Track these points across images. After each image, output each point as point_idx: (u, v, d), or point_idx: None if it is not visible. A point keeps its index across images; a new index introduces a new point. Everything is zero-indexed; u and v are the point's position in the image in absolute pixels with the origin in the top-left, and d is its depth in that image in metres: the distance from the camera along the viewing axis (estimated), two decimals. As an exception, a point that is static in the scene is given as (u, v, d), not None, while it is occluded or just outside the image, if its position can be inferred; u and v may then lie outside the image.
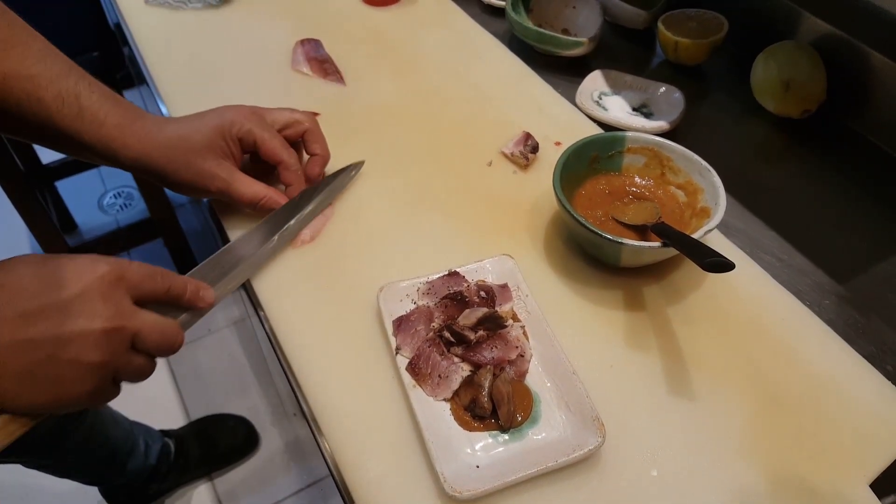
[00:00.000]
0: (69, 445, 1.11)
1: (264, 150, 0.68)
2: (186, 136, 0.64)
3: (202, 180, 0.65)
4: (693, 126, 0.85)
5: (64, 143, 0.62)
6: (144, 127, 0.63)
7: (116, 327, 0.47)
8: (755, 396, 0.57)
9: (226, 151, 0.66)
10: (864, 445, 0.55)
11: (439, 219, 0.71)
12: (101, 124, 0.61)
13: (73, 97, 0.60)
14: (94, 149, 0.62)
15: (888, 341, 0.64)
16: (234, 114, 0.67)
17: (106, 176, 2.20)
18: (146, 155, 0.63)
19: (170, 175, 0.64)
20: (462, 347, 0.57)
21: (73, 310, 0.45)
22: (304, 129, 0.71)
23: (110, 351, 0.47)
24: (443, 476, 0.49)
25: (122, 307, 0.48)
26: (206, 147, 0.65)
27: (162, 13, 0.99)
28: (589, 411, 0.53)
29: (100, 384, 0.48)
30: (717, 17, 0.92)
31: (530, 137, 0.78)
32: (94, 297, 0.46)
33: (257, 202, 0.67)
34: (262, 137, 0.67)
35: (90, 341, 0.46)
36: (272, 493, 1.51)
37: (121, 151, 0.62)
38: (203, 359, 1.75)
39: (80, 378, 0.46)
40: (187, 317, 0.55)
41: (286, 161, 0.68)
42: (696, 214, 0.66)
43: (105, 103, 0.62)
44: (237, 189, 0.66)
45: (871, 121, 0.83)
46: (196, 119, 0.66)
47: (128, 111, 0.63)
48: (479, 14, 1.04)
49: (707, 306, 0.64)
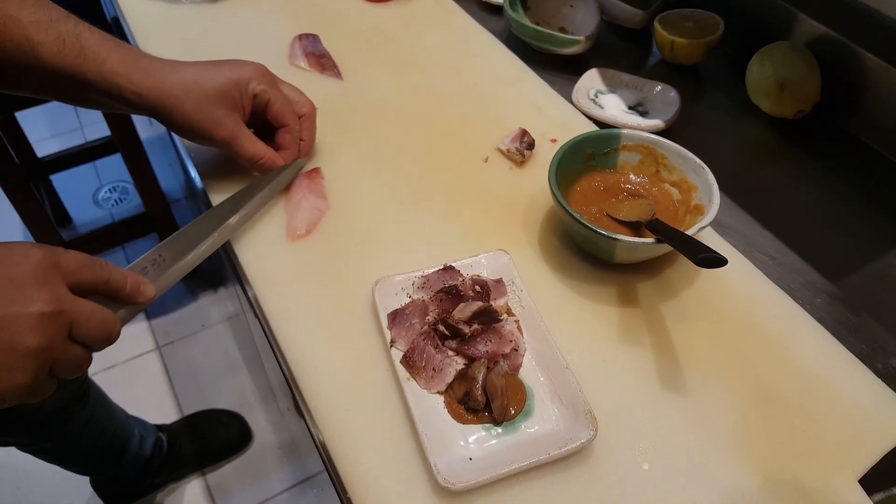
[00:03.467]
0: (71, 428, 1.12)
1: (274, 111, 0.69)
2: (202, 80, 0.65)
3: (210, 126, 0.66)
4: (688, 125, 0.85)
5: (66, 85, 0.63)
6: (153, 65, 0.64)
7: (53, 311, 0.45)
8: (747, 392, 0.58)
9: (237, 104, 0.67)
10: (854, 442, 0.55)
11: (435, 214, 0.72)
12: (103, 61, 0.62)
13: (74, 37, 0.61)
14: (98, 86, 0.62)
15: (879, 339, 0.64)
16: (252, 70, 0.68)
17: (101, 170, 2.20)
18: (155, 90, 0.63)
19: (177, 115, 0.65)
20: (456, 341, 0.57)
21: (6, 295, 0.44)
22: (303, 112, 0.73)
23: (47, 337, 0.45)
24: (436, 468, 0.49)
25: (59, 293, 0.46)
26: (221, 95, 0.66)
27: (160, 7, 0.99)
28: (581, 405, 0.53)
29: (36, 374, 0.45)
30: (713, 17, 0.93)
31: (526, 134, 0.78)
32: (29, 282, 0.45)
33: (257, 160, 0.69)
34: (276, 98, 0.69)
35: (26, 326, 0.44)
36: (265, 489, 1.51)
37: (125, 86, 0.63)
38: (197, 354, 1.75)
39: (16, 366, 0.44)
40: (125, 312, 0.53)
41: (291, 125, 0.70)
42: (689, 212, 0.67)
43: (106, 42, 0.63)
44: (241, 142, 0.67)
45: (865, 122, 0.84)
46: (213, 66, 0.67)
47: (131, 50, 0.64)
48: (477, 11, 1.04)
49: (700, 303, 0.64)
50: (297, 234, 0.68)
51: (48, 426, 1.07)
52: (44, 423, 1.06)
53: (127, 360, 1.74)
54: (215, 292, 1.86)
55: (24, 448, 1.13)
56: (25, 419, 1.02)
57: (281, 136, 0.71)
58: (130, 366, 1.73)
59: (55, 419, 1.07)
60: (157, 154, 1.92)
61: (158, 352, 1.76)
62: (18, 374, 0.44)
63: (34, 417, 1.03)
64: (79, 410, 1.13)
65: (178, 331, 1.80)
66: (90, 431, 1.19)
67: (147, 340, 1.78)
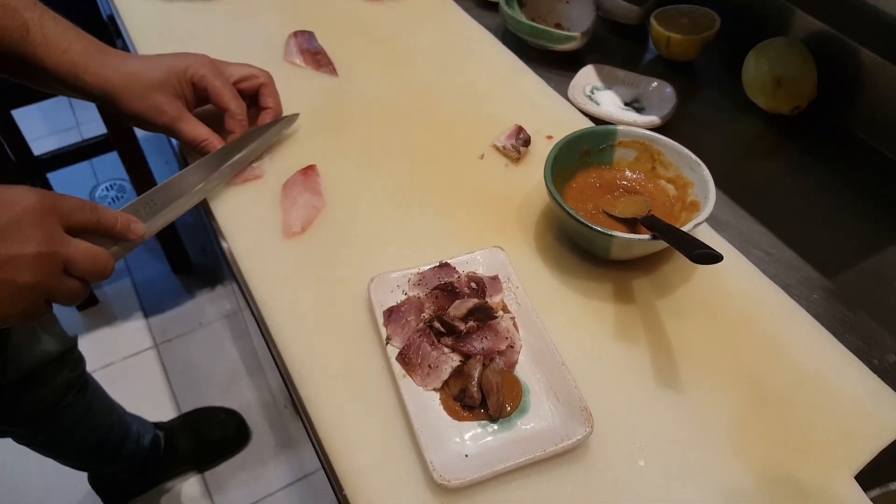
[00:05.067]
0: (68, 420, 1.12)
1: (213, 96, 0.73)
2: (145, 71, 0.69)
3: (151, 113, 0.70)
4: (684, 121, 0.85)
5: (27, 70, 0.67)
6: (106, 57, 0.68)
7: (49, 252, 0.51)
8: (742, 388, 0.58)
9: (178, 91, 0.71)
10: (849, 438, 0.55)
11: (431, 210, 0.72)
12: (64, 51, 0.66)
13: (38, 26, 0.65)
14: (57, 74, 0.67)
15: (874, 335, 0.64)
16: (192, 59, 0.72)
17: (98, 168, 2.20)
18: (107, 81, 0.68)
19: (124, 103, 0.69)
20: (452, 338, 0.57)
21: (6, 235, 0.49)
22: (259, 83, 0.77)
23: (43, 273, 0.51)
24: (432, 465, 0.49)
25: (54, 234, 0.52)
26: (161, 84, 0.70)
27: (155, 5, 0.99)
28: (577, 402, 0.53)
29: (32, 304, 0.51)
30: (709, 13, 0.93)
31: (522, 131, 0.78)
32: (28, 224, 0.50)
33: (198, 143, 0.72)
34: (213, 84, 0.72)
35: (23, 264, 0.49)
36: (263, 487, 1.51)
37: (82, 76, 0.67)
38: (194, 352, 1.75)
39: (12, 298, 0.50)
40: (118, 249, 0.59)
41: (232, 109, 0.73)
42: (685, 208, 0.67)
43: (68, 33, 0.67)
44: (181, 127, 0.71)
45: (861, 118, 0.84)
46: (156, 58, 0.72)
47: (92, 42, 0.69)
48: (472, 8, 1.04)
49: (696, 300, 0.64)
50: (292, 232, 0.68)
51: (45, 416, 1.07)
52: (41, 414, 1.06)
53: (124, 358, 1.73)
54: (213, 290, 1.85)
55: (21, 440, 1.13)
56: (24, 408, 1.02)
57: (226, 122, 0.74)
58: (128, 363, 1.73)
59: (53, 410, 1.07)
60: (153, 152, 1.91)
61: (156, 349, 1.76)
62: (17, 305, 0.51)
63: (32, 407, 1.03)
64: (77, 402, 1.13)
65: (175, 328, 1.80)
66: (87, 425, 1.19)
67: (145, 338, 1.78)
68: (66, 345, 1.05)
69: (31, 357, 0.97)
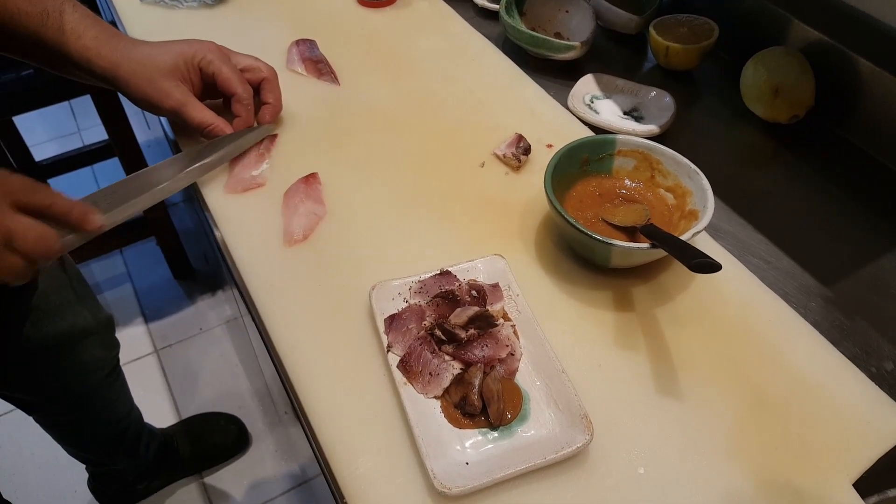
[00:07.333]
0: (97, 401, 1.14)
1: (221, 81, 0.74)
2: (154, 56, 0.71)
3: (159, 96, 0.71)
4: (683, 130, 0.86)
5: (47, 55, 0.70)
6: (119, 42, 0.71)
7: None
8: (741, 396, 0.58)
9: (185, 77, 0.73)
10: (848, 446, 0.56)
11: (431, 218, 0.72)
12: (79, 36, 0.69)
13: (58, 14, 0.68)
14: (72, 58, 0.69)
15: (872, 343, 0.65)
16: (200, 46, 0.74)
17: (99, 174, 2.20)
18: (117, 66, 0.70)
19: (132, 87, 0.71)
20: (453, 346, 0.58)
21: None
22: (262, 76, 0.78)
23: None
24: (432, 472, 0.50)
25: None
26: (169, 69, 0.72)
27: (157, 12, 0.99)
28: (577, 409, 0.54)
29: None
30: (707, 22, 0.93)
31: (522, 139, 0.79)
32: None
33: (205, 127, 0.73)
34: (221, 69, 0.74)
35: None
36: (263, 493, 1.51)
37: (94, 60, 0.69)
38: (194, 357, 1.75)
39: None
40: (74, 238, 0.59)
41: (239, 93, 0.74)
42: (684, 217, 0.67)
43: (85, 19, 0.70)
44: (188, 111, 0.72)
45: (859, 127, 0.84)
46: (165, 44, 0.73)
47: (106, 29, 0.71)
48: (472, 17, 1.05)
49: (695, 308, 0.65)
50: (294, 239, 0.69)
51: (76, 394, 1.09)
52: (73, 391, 1.08)
53: (125, 364, 1.71)
54: (213, 296, 1.86)
55: (48, 418, 1.15)
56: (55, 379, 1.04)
57: (233, 107, 0.75)
58: (128, 369, 1.70)
59: (84, 388, 1.09)
60: (154, 158, 1.92)
61: (156, 355, 1.76)
62: None
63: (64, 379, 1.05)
64: (108, 385, 1.15)
65: (175, 334, 1.80)
66: (113, 411, 1.21)
67: (145, 344, 1.78)
68: (99, 321, 1.06)
69: (62, 323, 0.98)
